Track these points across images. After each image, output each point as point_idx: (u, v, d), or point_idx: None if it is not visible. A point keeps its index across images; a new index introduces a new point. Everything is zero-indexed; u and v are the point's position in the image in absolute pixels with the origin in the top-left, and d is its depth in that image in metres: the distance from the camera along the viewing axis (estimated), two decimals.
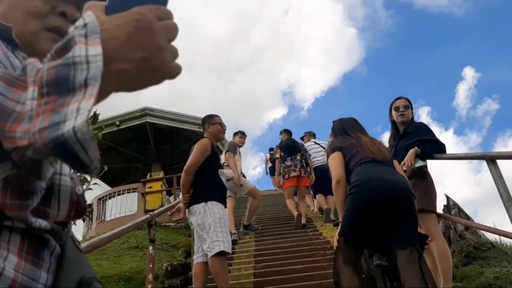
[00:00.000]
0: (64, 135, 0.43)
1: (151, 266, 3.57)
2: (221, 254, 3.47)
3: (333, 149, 3.10)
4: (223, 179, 3.86)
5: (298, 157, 7.06)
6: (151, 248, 3.62)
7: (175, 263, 5.63)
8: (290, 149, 7.12)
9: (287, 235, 6.46)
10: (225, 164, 6.20)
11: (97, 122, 4.76)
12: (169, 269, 5.40)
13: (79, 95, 0.45)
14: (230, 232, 6.04)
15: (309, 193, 7.77)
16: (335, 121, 3.44)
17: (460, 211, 5.37)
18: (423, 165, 3.54)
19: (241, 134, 6.96)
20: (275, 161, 7.69)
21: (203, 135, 4.08)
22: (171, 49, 0.52)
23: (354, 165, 2.92)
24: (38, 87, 0.47)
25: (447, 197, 5.59)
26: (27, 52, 0.75)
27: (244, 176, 6.81)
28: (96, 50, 0.47)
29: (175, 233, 7.38)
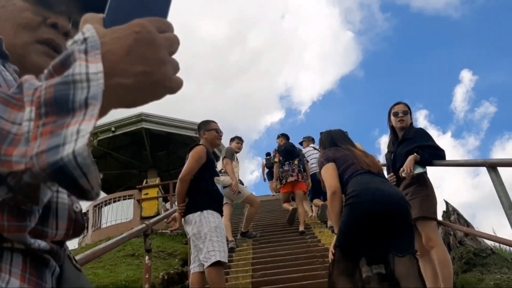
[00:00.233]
0: (63, 160, 0.40)
1: (147, 276, 3.52)
2: (217, 264, 3.42)
3: (327, 159, 3.09)
4: (219, 186, 3.81)
5: (296, 162, 7.08)
6: (147, 258, 3.57)
7: (172, 272, 5.57)
8: (288, 154, 7.14)
9: (285, 242, 6.41)
10: (223, 170, 6.15)
11: None
12: (166, 277, 5.33)
13: (79, 115, 0.42)
14: (227, 239, 6.04)
15: (307, 199, 7.75)
16: (322, 132, 3.46)
17: (459, 216, 5.34)
18: (423, 172, 3.51)
19: (238, 139, 6.89)
20: (271, 167, 7.70)
21: (199, 142, 4.03)
22: (173, 62, 0.50)
23: (349, 176, 2.92)
24: (35, 107, 0.43)
25: (446, 203, 5.56)
26: (17, 64, 0.72)
27: (241, 183, 6.76)
28: (97, 67, 0.44)
29: (171, 241, 7.31)
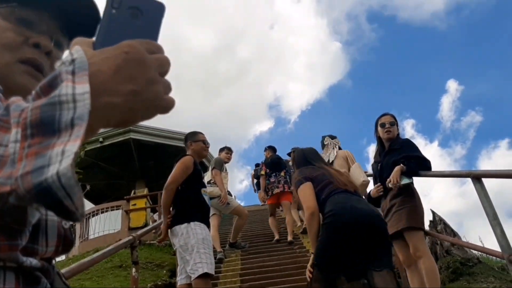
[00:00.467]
0: (47, 181, 0.40)
1: None
2: (205, 275, 3.40)
3: (305, 178, 3.10)
4: (206, 198, 3.80)
5: (282, 174, 7.16)
6: (134, 270, 3.53)
7: (160, 283, 5.52)
8: (274, 166, 7.22)
9: (273, 252, 6.40)
10: (212, 181, 6.13)
11: None
12: None
13: (65, 136, 0.42)
14: (215, 250, 6.01)
15: (295, 208, 7.76)
16: (294, 150, 3.49)
17: (446, 226, 5.38)
18: (409, 183, 3.54)
19: (228, 150, 6.87)
20: (259, 177, 7.77)
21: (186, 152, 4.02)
22: (163, 82, 0.49)
23: (327, 195, 2.95)
24: (21, 129, 0.43)
25: (433, 213, 5.60)
26: (0, 84, 0.71)
27: (229, 194, 6.74)
28: (83, 88, 0.43)
29: (159, 252, 7.24)
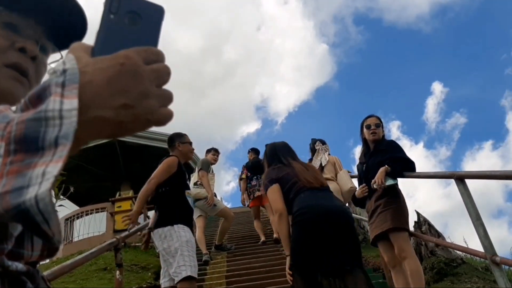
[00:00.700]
0: (25, 204, 0.38)
1: None
2: (189, 278, 3.39)
3: (271, 181, 3.13)
4: (189, 200, 3.78)
5: (263, 177, 7.08)
6: (118, 273, 3.49)
7: (145, 286, 5.47)
8: (255, 169, 7.15)
9: (260, 254, 6.38)
10: (198, 182, 6.10)
11: None
12: None
13: (48, 155, 0.40)
14: (201, 252, 5.98)
15: None
16: (267, 144, 3.49)
17: (430, 227, 5.43)
18: (394, 184, 3.57)
19: (214, 151, 6.84)
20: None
21: (170, 153, 3.96)
22: (161, 94, 0.47)
23: (294, 195, 2.97)
24: (5, 143, 0.42)
25: (418, 214, 5.64)
26: None
27: (215, 195, 6.71)
28: (71, 103, 0.42)
29: (144, 254, 7.17)
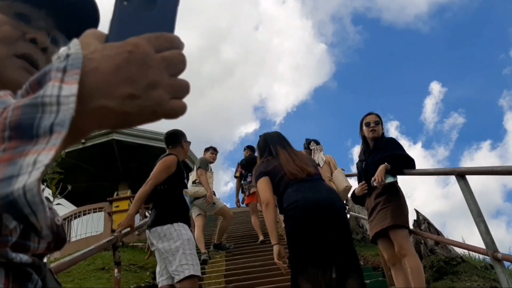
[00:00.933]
0: (13, 194, 0.37)
1: None
2: (191, 277, 3.36)
3: (259, 174, 3.14)
4: (186, 199, 3.76)
5: (254, 170, 7.05)
6: (116, 271, 3.46)
7: (143, 285, 5.44)
8: (250, 166, 7.13)
9: (258, 253, 6.36)
10: (197, 181, 6.07)
11: None
12: None
13: (42, 143, 0.38)
14: (200, 251, 5.95)
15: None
16: (261, 135, 3.48)
17: (430, 225, 5.41)
18: (394, 181, 3.55)
19: (213, 150, 6.82)
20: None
21: (170, 152, 3.89)
22: (172, 85, 0.45)
23: (283, 189, 2.99)
24: (0, 130, 0.40)
25: (417, 212, 5.63)
26: None
27: (214, 194, 6.69)
28: (70, 89, 0.40)
29: (143, 254, 7.13)
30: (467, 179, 2.89)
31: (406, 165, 3.59)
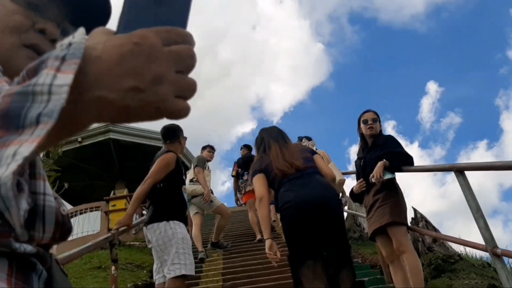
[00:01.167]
0: None
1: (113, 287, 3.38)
2: (181, 276, 3.34)
3: (255, 172, 3.16)
4: (185, 196, 3.74)
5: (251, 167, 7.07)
6: (113, 268, 3.43)
7: (140, 284, 5.41)
8: (246, 164, 7.17)
9: (256, 251, 6.34)
10: (194, 179, 6.06)
11: None
12: None
13: (27, 134, 0.36)
14: (197, 250, 5.94)
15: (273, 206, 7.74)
16: (260, 130, 3.48)
17: (427, 223, 5.41)
18: (392, 178, 3.54)
19: (210, 148, 6.82)
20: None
21: (167, 147, 3.85)
22: (178, 82, 0.42)
23: (277, 187, 3.02)
24: None
25: (415, 210, 5.62)
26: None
27: (211, 192, 6.68)
28: (65, 79, 0.37)
29: (139, 252, 7.12)
30: (465, 175, 2.89)
31: (404, 162, 3.58)
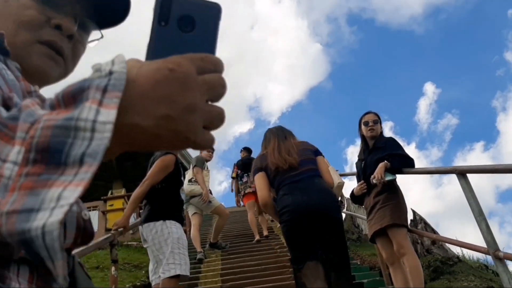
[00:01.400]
0: (30, 233, 0.32)
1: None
2: (175, 277, 3.33)
3: (256, 170, 3.15)
4: (182, 196, 3.74)
5: (252, 177, 7.12)
6: (113, 269, 3.42)
7: (138, 284, 5.39)
8: (246, 167, 7.25)
9: (254, 252, 6.34)
10: (193, 179, 6.04)
11: None
12: None
13: (69, 174, 0.35)
14: (196, 250, 5.92)
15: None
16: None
17: (426, 225, 5.42)
18: (393, 179, 3.54)
19: (209, 148, 6.82)
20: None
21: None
22: (209, 112, 0.42)
23: (276, 187, 3.03)
24: (25, 149, 0.36)
25: (414, 212, 5.63)
26: None
27: (210, 192, 6.67)
28: (108, 114, 0.36)
29: (137, 252, 7.10)
30: (468, 177, 2.88)
31: (406, 164, 3.58)
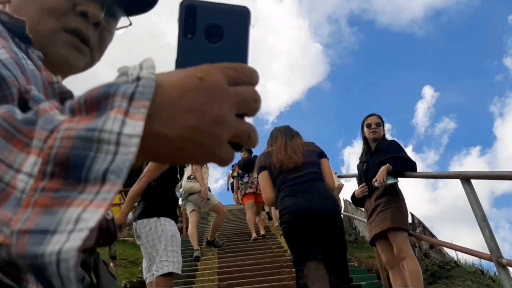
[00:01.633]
0: (43, 258, 0.29)
1: None
2: (168, 274, 3.29)
3: (259, 168, 3.15)
4: (177, 194, 3.72)
5: (255, 175, 7.14)
6: (112, 265, 3.38)
7: (134, 280, 5.35)
8: (247, 167, 7.33)
9: (251, 251, 6.33)
10: (192, 177, 6.02)
11: None
12: (128, 286, 5.12)
13: (90, 192, 0.31)
14: (193, 248, 5.90)
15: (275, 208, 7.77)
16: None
17: (425, 229, 5.41)
18: (395, 182, 3.53)
19: None
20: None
21: None
22: (238, 127, 0.39)
23: (278, 186, 3.03)
24: (42, 160, 0.32)
25: (412, 215, 5.61)
26: None
27: (209, 190, 6.65)
28: (135, 126, 0.33)
29: (133, 248, 7.06)
30: (472, 183, 2.87)
31: (408, 167, 3.57)
